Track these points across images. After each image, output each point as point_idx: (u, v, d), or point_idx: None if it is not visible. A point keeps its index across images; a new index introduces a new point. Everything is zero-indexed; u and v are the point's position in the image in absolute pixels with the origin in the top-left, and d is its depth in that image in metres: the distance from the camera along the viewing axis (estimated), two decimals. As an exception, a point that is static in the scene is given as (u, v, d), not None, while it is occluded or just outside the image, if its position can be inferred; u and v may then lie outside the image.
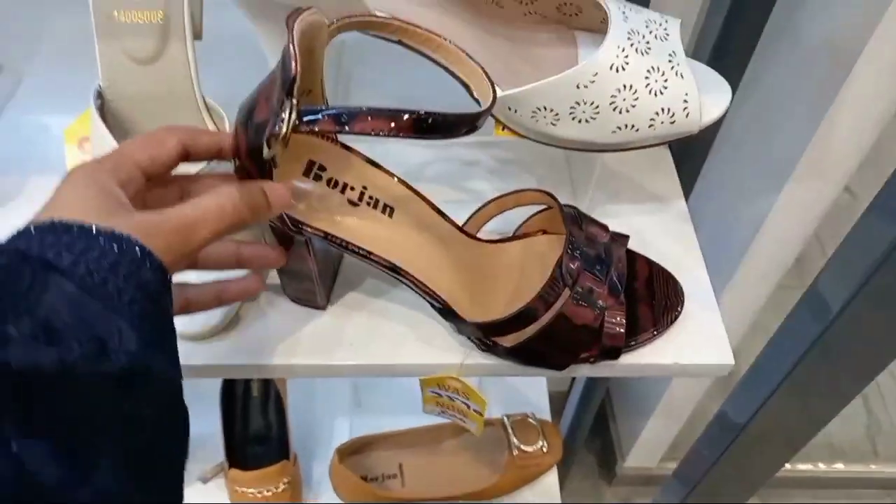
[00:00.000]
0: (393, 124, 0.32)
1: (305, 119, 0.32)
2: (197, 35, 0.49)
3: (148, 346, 0.29)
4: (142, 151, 0.36)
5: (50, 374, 0.26)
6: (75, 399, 0.27)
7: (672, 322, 0.47)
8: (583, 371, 0.46)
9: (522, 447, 0.87)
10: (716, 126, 0.64)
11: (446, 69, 0.42)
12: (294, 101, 0.32)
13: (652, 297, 0.47)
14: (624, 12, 0.43)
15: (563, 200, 0.52)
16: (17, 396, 0.25)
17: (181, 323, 0.45)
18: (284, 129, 0.32)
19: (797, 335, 0.47)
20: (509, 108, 0.43)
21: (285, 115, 0.32)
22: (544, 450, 0.88)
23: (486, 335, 0.43)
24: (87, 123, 0.48)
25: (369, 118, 0.32)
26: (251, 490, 0.83)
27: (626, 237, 0.48)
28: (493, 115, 0.46)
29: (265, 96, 0.35)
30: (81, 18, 0.46)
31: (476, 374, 0.46)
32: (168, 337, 0.32)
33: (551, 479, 0.96)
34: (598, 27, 0.48)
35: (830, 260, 0.45)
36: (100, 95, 0.47)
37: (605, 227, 0.47)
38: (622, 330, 0.43)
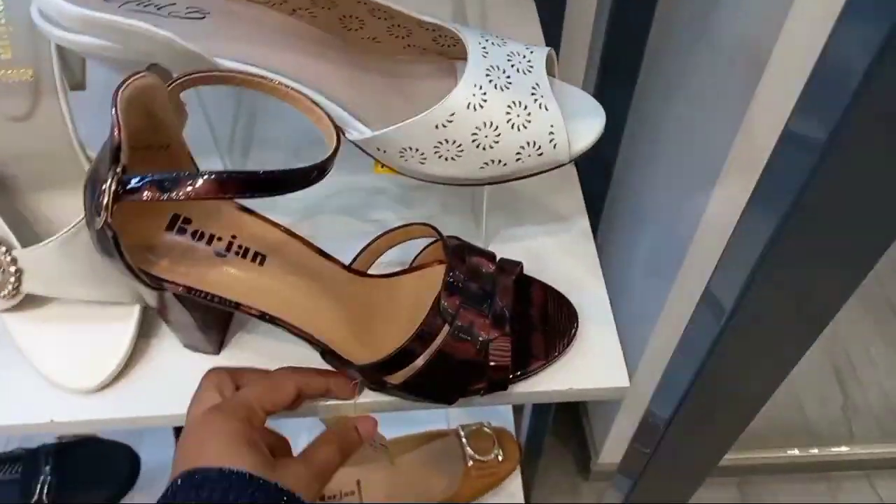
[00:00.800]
0: (220, 188, 0.32)
1: (128, 188, 0.32)
2: (79, 86, 0.49)
3: None
4: (267, 400, 0.40)
5: None
6: None
7: (565, 348, 0.46)
8: (477, 401, 0.46)
9: (477, 457, 0.87)
10: (615, 135, 0.64)
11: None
12: (118, 171, 0.32)
13: (545, 324, 0.47)
14: (484, 47, 0.42)
15: (467, 224, 0.52)
16: None
17: (73, 377, 0.46)
18: (106, 199, 0.32)
19: (700, 335, 0.48)
20: (378, 149, 0.43)
21: (107, 186, 0.32)
22: (500, 458, 0.88)
23: (368, 376, 0.43)
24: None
25: (193, 184, 0.31)
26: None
27: (518, 264, 0.47)
28: (369, 154, 0.45)
29: (101, 164, 0.34)
30: None
31: (371, 410, 0.46)
32: None
33: (515, 484, 0.96)
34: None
35: (719, 262, 0.45)
36: (-23, 158, 0.47)
37: (491, 257, 0.46)
38: (507, 361, 0.43)
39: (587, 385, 0.46)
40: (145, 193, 0.32)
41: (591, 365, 0.47)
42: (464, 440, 0.89)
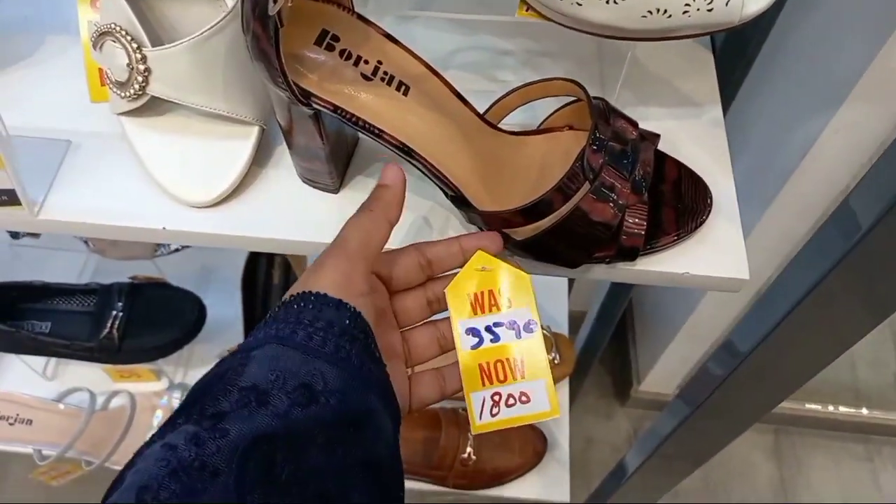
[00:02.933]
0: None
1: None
2: None
3: (357, 386, 0.30)
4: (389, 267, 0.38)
5: (271, 432, 0.27)
6: (306, 453, 0.27)
7: (696, 228, 0.44)
8: (597, 272, 0.44)
9: (535, 357, 0.87)
10: (765, 29, 0.60)
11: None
12: None
13: (678, 201, 0.45)
14: None
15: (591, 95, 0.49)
16: (251, 465, 0.26)
17: (187, 190, 0.45)
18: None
19: (820, 254, 0.44)
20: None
21: None
22: (556, 361, 0.88)
23: (498, 225, 0.41)
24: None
25: None
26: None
27: (657, 136, 0.45)
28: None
29: None
30: None
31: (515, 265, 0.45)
32: (378, 377, 0.32)
33: (562, 392, 0.96)
34: None
35: (866, 174, 0.42)
36: (112, -52, 0.45)
37: (634, 123, 0.43)
38: (642, 230, 0.41)
39: (707, 272, 0.44)
40: None
41: (713, 253, 0.44)
42: (524, 339, 0.88)
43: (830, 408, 1.27)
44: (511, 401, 0.38)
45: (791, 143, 0.71)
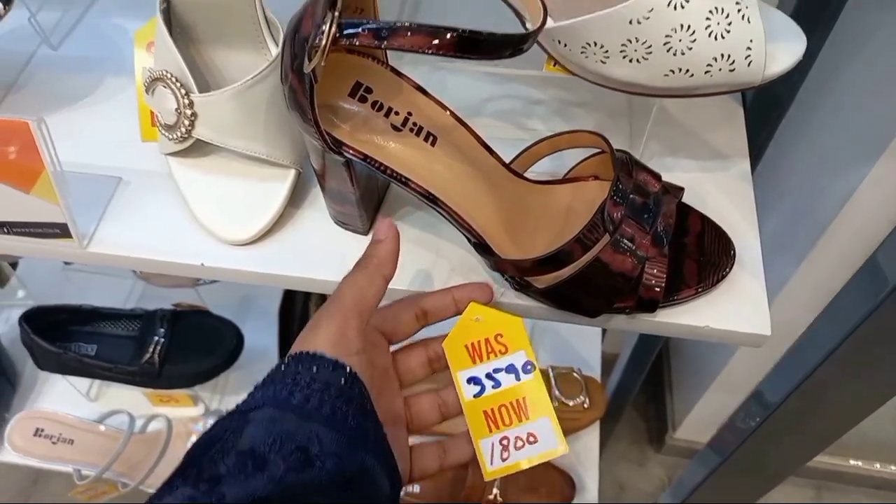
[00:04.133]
0: (434, 41, 0.31)
1: (346, 32, 0.32)
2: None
3: (354, 446, 0.31)
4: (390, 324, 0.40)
5: (267, 496, 0.28)
6: None
7: (718, 282, 0.44)
8: (617, 322, 0.44)
9: (564, 400, 0.87)
10: (796, 83, 0.60)
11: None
12: (335, 14, 0.32)
13: (701, 254, 0.45)
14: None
15: (619, 147, 0.50)
16: None
17: (225, 228, 0.47)
18: (324, 41, 0.32)
19: (849, 307, 0.44)
20: (559, 42, 0.41)
21: (325, 28, 0.32)
22: (585, 405, 0.87)
23: (519, 273, 0.42)
24: (154, 29, 0.49)
25: (409, 34, 0.31)
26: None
27: (681, 189, 0.45)
28: (544, 50, 0.44)
29: (311, 11, 0.34)
30: None
31: (508, 311, 0.46)
32: (374, 436, 0.33)
33: (592, 436, 0.95)
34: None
35: (893, 230, 0.42)
36: (167, 5, 0.48)
37: (657, 176, 0.44)
38: (662, 283, 0.42)
39: (728, 326, 0.44)
40: (362, 38, 0.31)
41: (735, 307, 0.44)
42: (552, 380, 0.88)
43: (877, 465, 1.23)
44: (519, 443, 0.38)
45: (828, 194, 0.70)
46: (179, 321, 0.85)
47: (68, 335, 0.86)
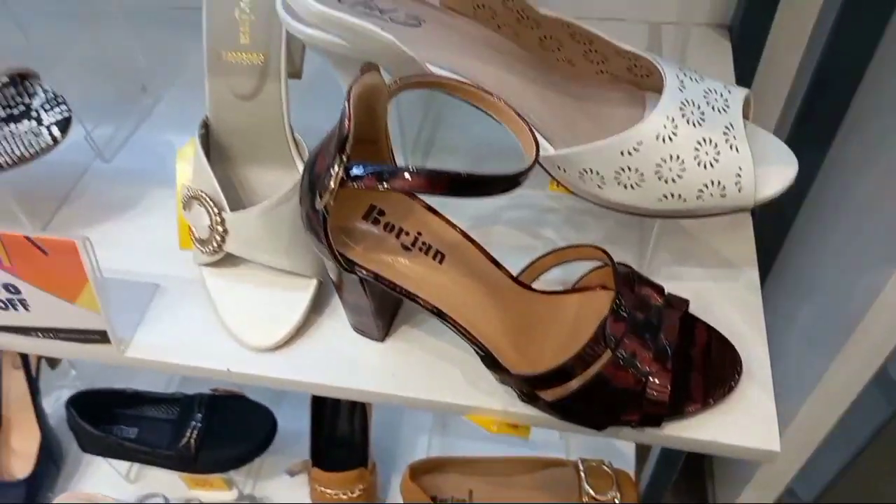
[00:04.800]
0: (433, 184, 0.34)
1: (352, 175, 0.35)
2: (296, 75, 0.53)
3: None
4: None
5: None
6: None
7: (724, 396, 0.45)
8: (625, 434, 0.45)
9: (594, 494, 0.85)
10: (802, 192, 0.61)
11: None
12: (343, 158, 0.35)
13: (707, 367, 0.46)
14: (682, 81, 0.42)
15: (629, 256, 0.52)
16: None
17: (251, 334, 0.50)
18: (332, 185, 0.35)
19: (864, 415, 0.44)
20: (559, 167, 0.44)
21: (334, 171, 0.35)
22: (616, 501, 0.86)
23: (525, 388, 0.43)
24: (194, 146, 0.54)
25: (410, 177, 0.34)
26: (329, 490, 0.88)
27: (685, 302, 0.46)
28: (546, 171, 0.46)
29: (325, 149, 0.38)
30: None
31: (522, 422, 0.47)
32: None
33: (625, 531, 0.93)
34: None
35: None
36: (205, 125, 0.53)
37: (660, 290, 0.46)
38: (665, 398, 0.42)
39: (735, 441, 0.44)
40: (366, 181, 0.35)
41: (743, 422, 0.45)
42: (582, 474, 0.87)
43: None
44: None
45: (856, 292, 0.70)
46: (216, 406, 0.88)
47: (111, 418, 0.90)
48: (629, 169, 0.41)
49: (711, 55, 0.68)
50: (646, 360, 0.42)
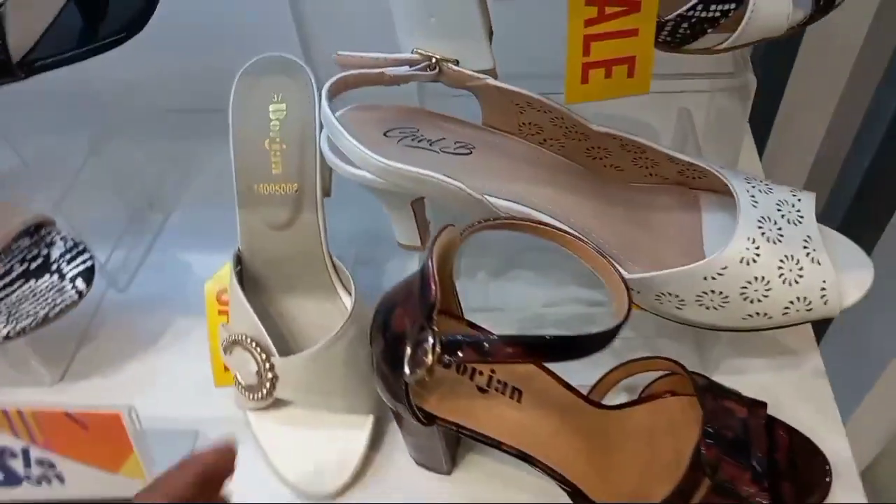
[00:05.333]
0: (532, 351, 0.32)
1: (449, 349, 0.33)
2: (326, 194, 0.51)
3: None
4: None
5: None
6: None
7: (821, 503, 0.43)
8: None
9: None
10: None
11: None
12: (435, 329, 0.33)
13: (795, 472, 0.44)
14: (753, 196, 0.41)
15: (682, 351, 0.50)
16: None
17: (309, 482, 0.47)
18: (429, 360, 0.33)
19: None
20: (632, 289, 0.42)
21: (428, 345, 0.33)
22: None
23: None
24: (225, 279, 0.51)
25: (509, 348, 0.32)
26: None
27: (764, 405, 0.45)
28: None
29: (403, 307, 0.36)
30: (224, 160, 0.49)
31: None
32: None
33: None
34: (723, 188, 0.47)
35: None
36: (238, 260, 0.50)
37: (739, 397, 0.44)
38: (773, 522, 0.41)
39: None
40: (465, 356, 0.33)
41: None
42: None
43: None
44: None
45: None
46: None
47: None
48: (713, 292, 0.40)
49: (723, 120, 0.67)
50: (744, 483, 0.40)
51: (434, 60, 0.40)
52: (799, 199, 0.42)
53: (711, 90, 0.49)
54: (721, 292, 0.40)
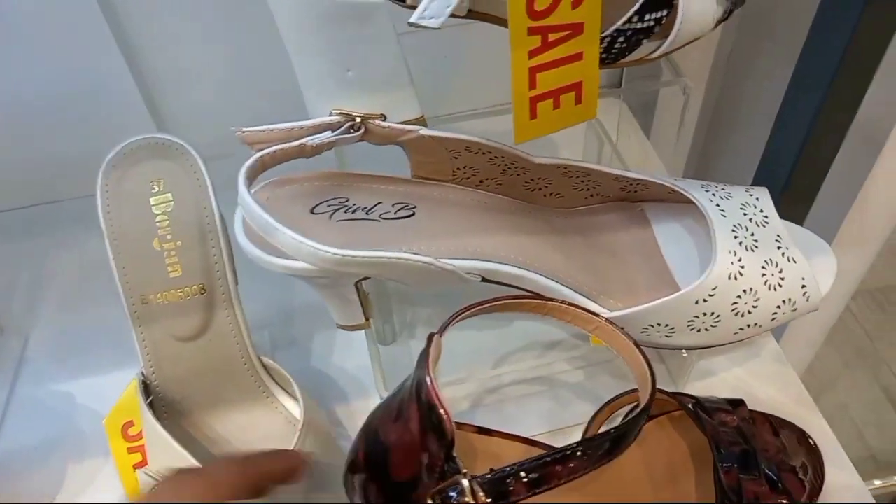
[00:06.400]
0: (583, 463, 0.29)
1: (495, 490, 0.27)
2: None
3: None
4: None
5: None
6: None
7: (821, 486, 0.43)
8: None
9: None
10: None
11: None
12: (465, 472, 0.28)
13: (789, 459, 0.43)
14: (718, 205, 0.39)
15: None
16: None
17: None
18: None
19: None
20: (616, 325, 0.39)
21: (467, 494, 0.27)
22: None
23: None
24: (128, 410, 0.42)
25: (558, 466, 0.28)
26: None
27: (743, 403, 0.44)
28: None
29: (401, 448, 0.29)
30: (80, 254, 0.40)
31: None
32: None
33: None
34: (666, 197, 0.45)
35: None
36: (144, 385, 0.41)
37: (722, 403, 0.42)
38: (789, 522, 0.39)
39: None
40: (517, 490, 0.27)
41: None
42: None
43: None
44: None
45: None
46: None
47: None
48: (704, 315, 0.38)
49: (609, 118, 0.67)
50: (764, 495, 0.39)
51: (358, 119, 0.34)
52: (757, 199, 0.41)
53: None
54: (713, 313, 0.38)
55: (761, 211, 0.40)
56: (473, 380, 0.48)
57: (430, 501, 0.28)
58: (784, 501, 0.40)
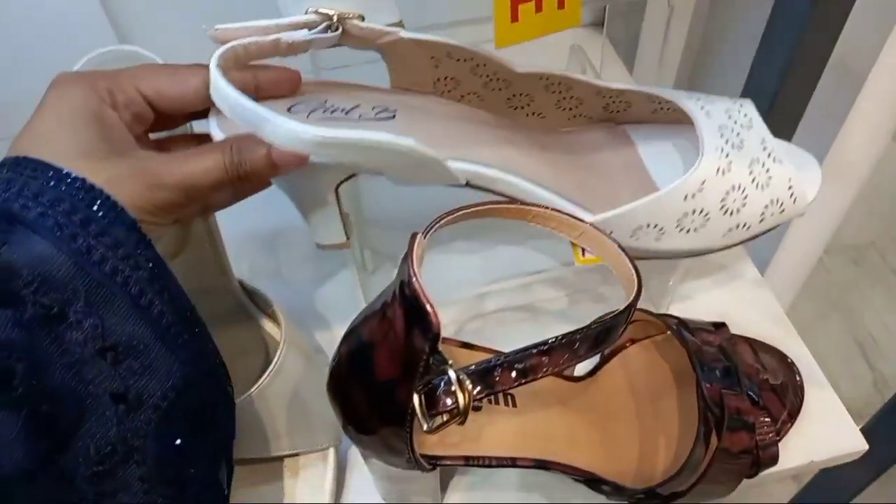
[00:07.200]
0: (573, 348, 0.28)
1: (481, 380, 0.27)
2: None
3: (127, 316, 0.26)
4: (150, 81, 0.31)
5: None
6: (48, 372, 0.24)
7: (802, 402, 0.43)
8: (749, 483, 0.41)
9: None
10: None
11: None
12: (451, 363, 0.27)
13: (776, 383, 0.44)
14: (703, 107, 0.39)
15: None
16: None
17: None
18: (464, 402, 0.27)
19: None
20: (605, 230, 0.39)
21: (455, 387, 0.27)
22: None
23: (648, 497, 0.38)
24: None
25: (543, 357, 0.27)
26: None
27: (724, 325, 0.44)
28: (573, 243, 0.41)
29: (386, 345, 0.29)
30: None
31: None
32: (155, 304, 0.27)
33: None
34: (649, 118, 0.44)
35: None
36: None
37: (709, 327, 0.42)
38: (774, 436, 0.39)
39: (829, 454, 0.43)
40: (505, 382, 0.27)
41: (825, 432, 0.43)
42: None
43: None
44: None
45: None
46: None
47: None
48: (694, 212, 0.37)
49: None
50: (747, 410, 0.39)
51: (335, 18, 0.33)
52: (741, 105, 0.41)
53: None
54: (702, 210, 0.38)
55: (745, 115, 0.40)
56: (457, 304, 0.48)
57: (416, 396, 0.28)
58: (766, 418, 0.40)
